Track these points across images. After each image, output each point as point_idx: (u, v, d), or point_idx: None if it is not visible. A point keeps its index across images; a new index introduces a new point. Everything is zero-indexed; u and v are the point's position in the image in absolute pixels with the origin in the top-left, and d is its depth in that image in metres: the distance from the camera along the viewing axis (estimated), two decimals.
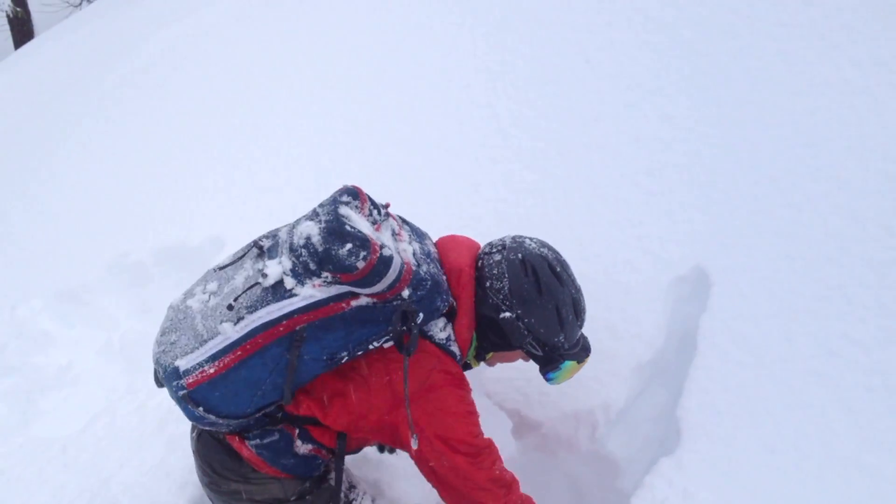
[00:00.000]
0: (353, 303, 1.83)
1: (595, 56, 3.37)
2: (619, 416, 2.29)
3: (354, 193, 1.91)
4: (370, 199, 1.96)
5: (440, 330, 1.99)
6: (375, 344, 1.88)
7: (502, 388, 2.43)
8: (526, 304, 2.01)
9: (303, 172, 3.96)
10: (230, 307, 1.87)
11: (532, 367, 2.43)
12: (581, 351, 2.10)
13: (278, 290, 1.84)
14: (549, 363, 2.07)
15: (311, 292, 1.82)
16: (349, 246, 1.76)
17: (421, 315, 1.88)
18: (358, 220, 1.85)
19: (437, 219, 3.20)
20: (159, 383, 2.00)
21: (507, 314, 2.00)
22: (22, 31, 14.07)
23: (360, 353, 1.89)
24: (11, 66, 9.57)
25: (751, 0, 3.05)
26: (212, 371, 1.83)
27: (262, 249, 1.95)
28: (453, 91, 3.81)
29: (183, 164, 4.68)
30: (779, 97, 2.72)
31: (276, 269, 1.85)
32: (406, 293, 1.85)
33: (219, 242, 3.73)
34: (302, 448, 2.00)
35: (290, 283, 1.83)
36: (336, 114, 4.24)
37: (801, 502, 1.95)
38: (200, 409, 1.86)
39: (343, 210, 1.84)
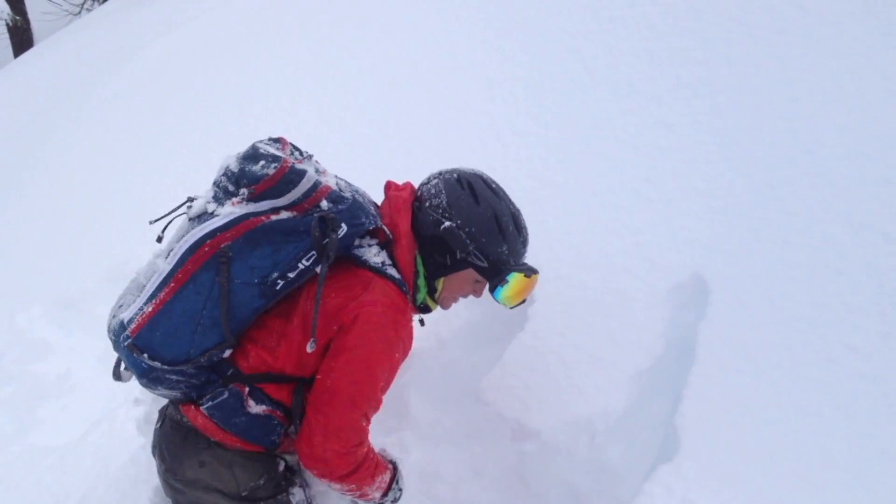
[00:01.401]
0: (274, 217, 1.88)
1: (593, 63, 3.38)
2: (617, 423, 2.28)
3: (275, 139, 2.02)
4: (293, 144, 2.05)
5: (374, 255, 2.02)
6: (305, 262, 1.89)
7: (501, 396, 2.43)
8: (464, 212, 2.06)
9: None
10: (159, 239, 2.00)
11: (531, 374, 2.44)
12: (528, 269, 2.11)
13: (202, 218, 1.92)
14: (496, 275, 2.08)
15: (230, 210, 1.88)
16: (262, 162, 1.88)
17: (343, 226, 1.91)
18: (273, 150, 1.94)
19: None
20: (116, 373, 2.08)
21: (448, 223, 2.05)
22: (21, 39, 14.10)
23: (291, 276, 1.90)
24: (11, 75, 9.59)
25: (749, 8, 3.06)
26: (150, 310, 1.88)
27: (192, 199, 2.02)
28: (451, 99, 3.81)
29: (182, 172, 4.69)
30: (776, 104, 2.72)
31: (199, 201, 1.95)
32: (325, 204, 1.91)
33: None
34: (255, 408, 1.98)
35: (211, 207, 1.92)
36: (333, 121, 4.25)
37: None
38: (146, 356, 1.88)
39: (258, 144, 1.95)
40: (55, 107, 7.08)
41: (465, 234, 2.04)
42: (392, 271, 2.02)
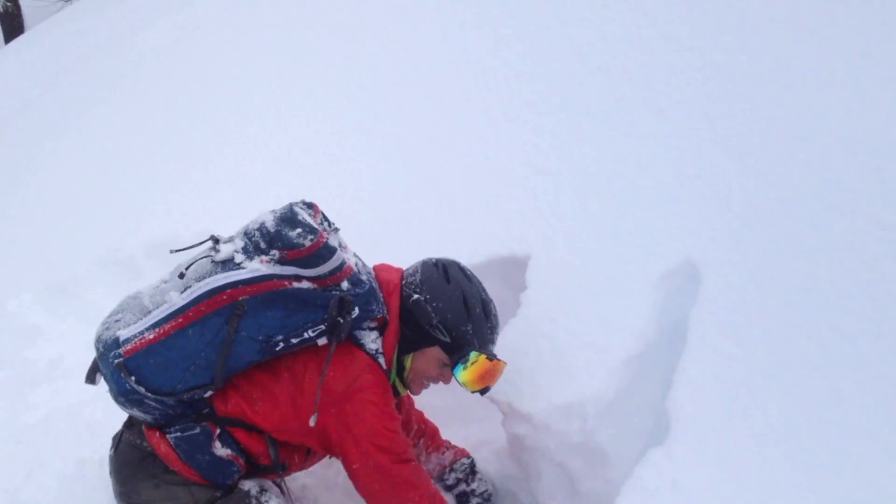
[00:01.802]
0: (296, 284, 1.95)
1: (587, 50, 3.38)
2: (609, 407, 2.29)
3: (309, 204, 2.11)
4: (323, 213, 2.14)
5: (371, 341, 2.10)
6: (310, 333, 1.96)
7: None
8: (434, 288, 2.14)
9: (294, 168, 3.96)
10: (181, 275, 2.00)
11: (523, 359, 2.44)
12: (493, 355, 2.18)
13: (227, 264, 1.98)
14: (457, 351, 2.13)
15: (257, 266, 1.95)
16: (299, 230, 1.94)
17: (357, 310, 1.99)
18: (309, 218, 2.01)
19: (429, 215, 3.21)
20: (90, 376, 2.09)
21: (417, 296, 2.13)
22: (12, 25, 13.97)
23: (294, 341, 1.97)
24: (1, 61, 9.52)
25: None
26: (151, 337, 1.93)
27: (217, 240, 2.06)
28: (445, 87, 3.81)
29: (174, 159, 4.67)
30: (769, 92, 2.73)
31: (228, 247, 2.01)
32: (345, 285, 1.99)
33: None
34: (220, 450, 2.05)
35: (239, 258, 1.97)
36: (328, 111, 4.24)
37: (791, 493, 1.96)
38: (133, 378, 1.93)
39: (296, 209, 2.01)
40: (46, 93, 7.03)
41: (431, 308, 2.12)
42: (382, 360, 2.10)
